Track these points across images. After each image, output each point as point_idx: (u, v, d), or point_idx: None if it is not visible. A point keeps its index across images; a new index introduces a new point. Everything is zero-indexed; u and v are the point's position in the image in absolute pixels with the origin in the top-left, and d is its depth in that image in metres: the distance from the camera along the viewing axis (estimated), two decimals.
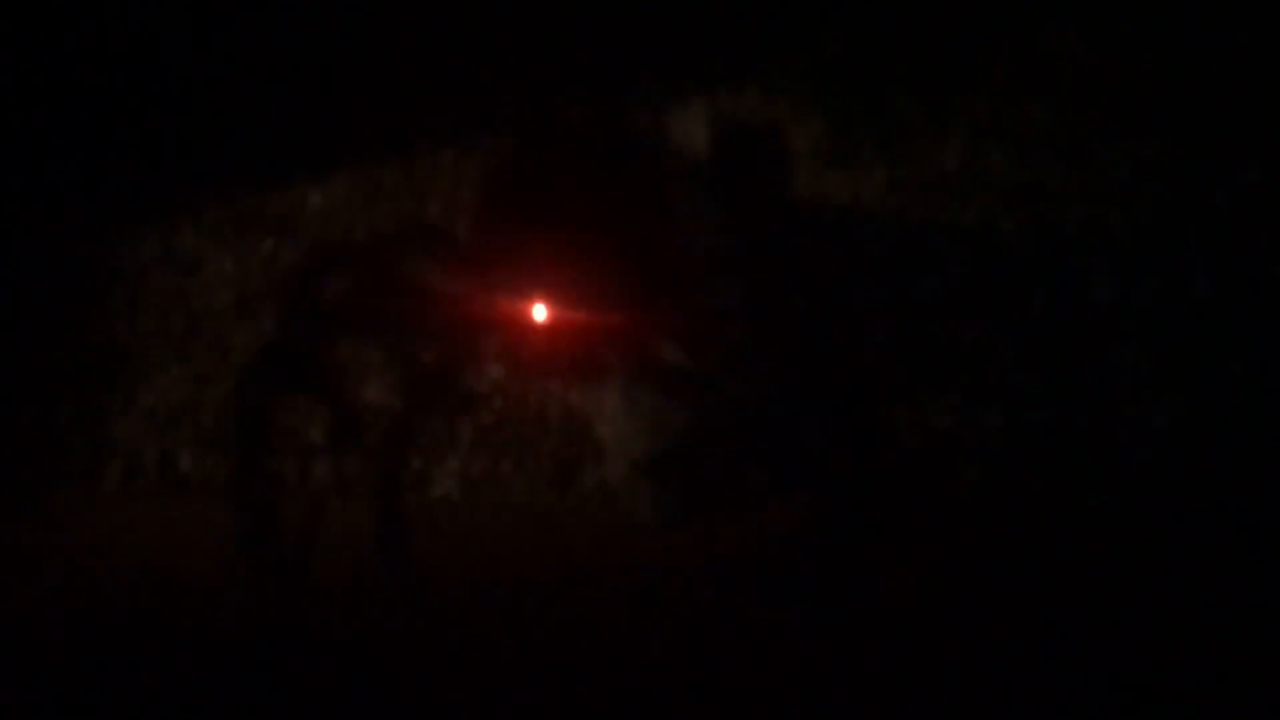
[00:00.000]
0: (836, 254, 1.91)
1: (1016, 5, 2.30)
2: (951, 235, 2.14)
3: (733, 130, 2.31)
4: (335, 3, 2.48)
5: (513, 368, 1.39)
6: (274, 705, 1.35)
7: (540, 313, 1.34)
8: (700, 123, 2.18)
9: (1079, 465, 1.86)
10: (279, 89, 2.43)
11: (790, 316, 1.39)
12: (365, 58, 2.45)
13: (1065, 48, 2.22)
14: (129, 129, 2.41)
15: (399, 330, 1.42)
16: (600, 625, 1.61)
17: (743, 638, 1.55)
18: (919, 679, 1.41)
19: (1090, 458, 1.87)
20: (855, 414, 1.48)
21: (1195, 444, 1.82)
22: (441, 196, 2.32)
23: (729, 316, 1.36)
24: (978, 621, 1.55)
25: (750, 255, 1.49)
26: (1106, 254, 2.05)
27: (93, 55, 2.43)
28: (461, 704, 1.32)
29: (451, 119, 2.41)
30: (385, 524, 1.54)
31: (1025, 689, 1.39)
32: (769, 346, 1.35)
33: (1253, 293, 1.95)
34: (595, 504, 1.98)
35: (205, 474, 2.09)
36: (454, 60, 2.42)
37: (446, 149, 2.39)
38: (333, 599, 1.60)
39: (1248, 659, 1.40)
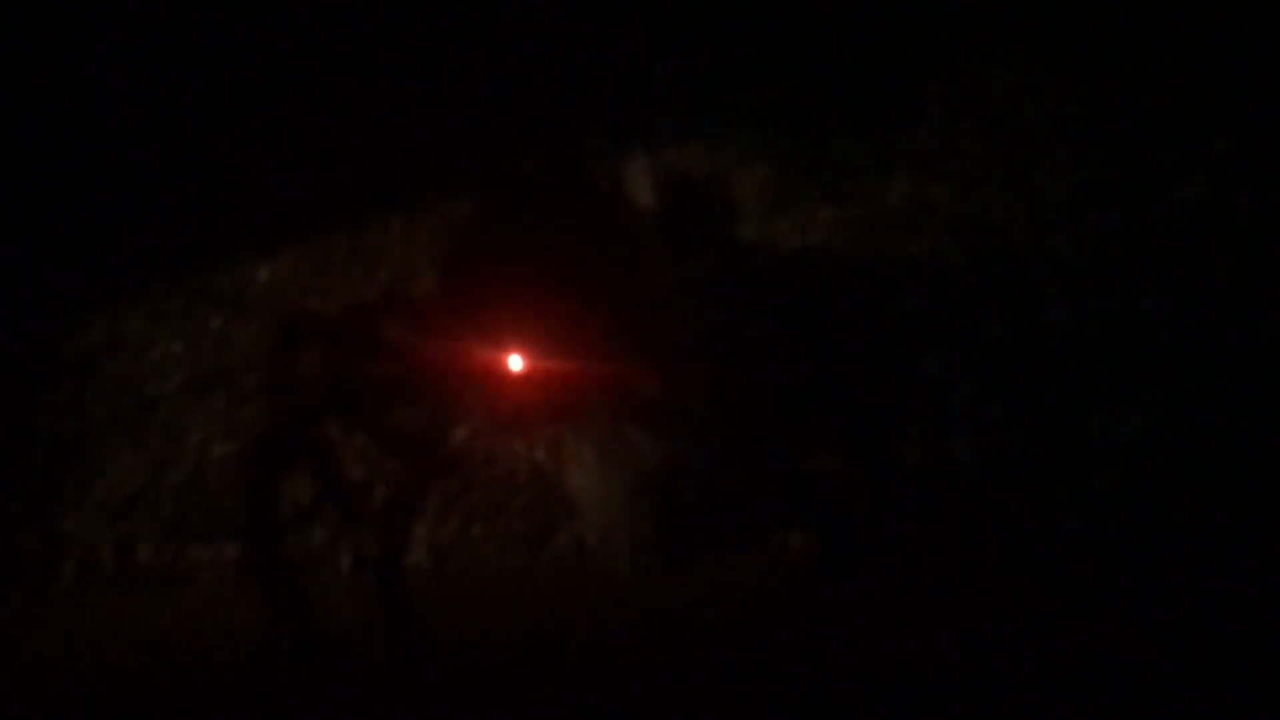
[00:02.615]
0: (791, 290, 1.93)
1: (948, 42, 2.37)
2: (902, 269, 2.18)
3: (678, 180, 2.34)
4: (274, 77, 2.48)
5: (493, 424, 1.38)
6: None
7: (516, 363, 1.33)
8: (646, 175, 2.20)
9: (1050, 485, 1.88)
10: (221, 165, 2.41)
11: (762, 347, 1.40)
12: (306, 130, 2.44)
13: (997, 79, 2.30)
14: (68, 217, 2.37)
15: (378, 399, 1.41)
16: (586, 685, 1.58)
17: (736, 693, 1.53)
18: None
19: (1060, 477, 1.89)
20: (851, 440, 1.49)
21: (1161, 455, 1.85)
22: (392, 264, 2.30)
23: (700, 349, 1.36)
24: (969, 649, 1.55)
25: (709, 293, 1.50)
26: (1054, 278, 2.10)
27: (25, 144, 2.39)
28: None
29: (398, 186, 2.41)
30: (389, 596, 1.52)
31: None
32: (743, 377, 1.35)
33: (1197, 303, 2.00)
34: (571, 562, 1.94)
35: (165, 564, 2.01)
36: (398, 129, 2.42)
37: (394, 217, 2.38)
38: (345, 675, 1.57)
39: (1226, 670, 1.41)
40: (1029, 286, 2.09)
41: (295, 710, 1.57)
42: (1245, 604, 1.53)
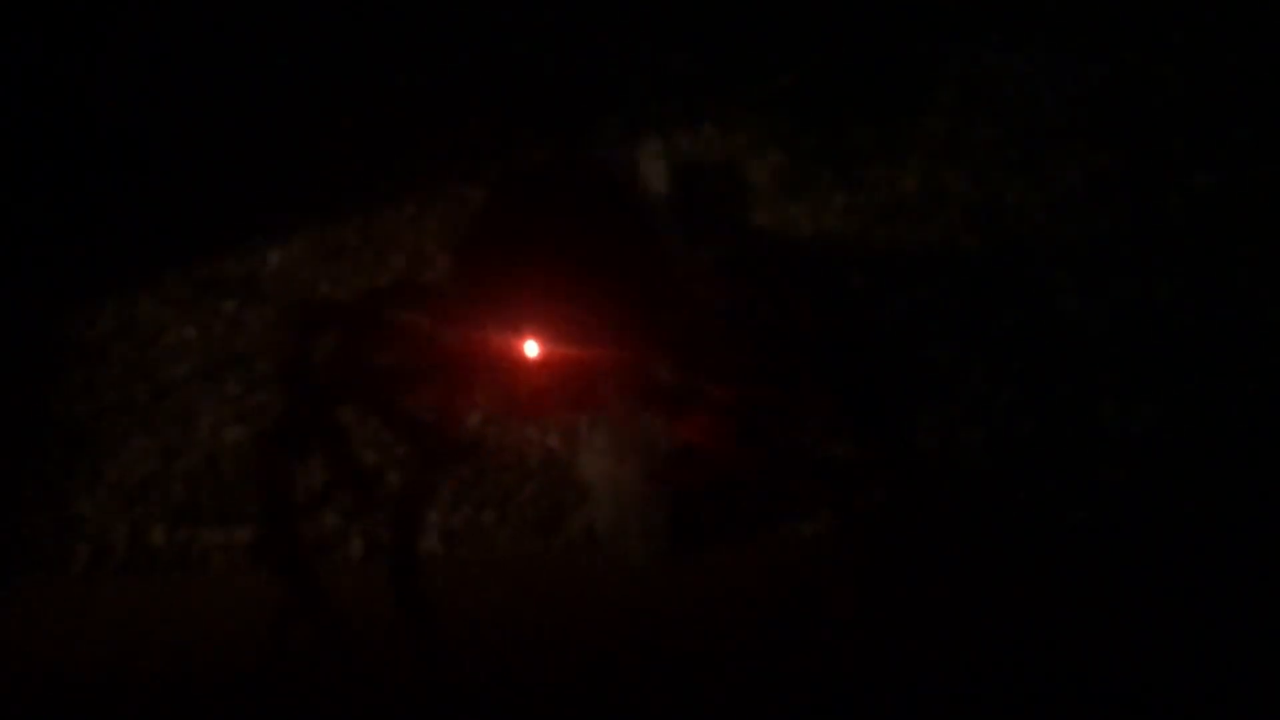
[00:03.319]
0: (806, 275, 1.92)
1: (961, 27, 2.36)
2: (915, 256, 2.17)
3: (691, 167, 2.33)
4: (284, 62, 2.47)
5: (506, 411, 1.37)
6: None
7: (533, 348, 1.32)
8: (659, 160, 2.19)
9: (1060, 475, 1.88)
10: (231, 150, 2.41)
11: (778, 328, 1.40)
12: (318, 115, 2.44)
13: (1010, 65, 2.28)
14: (78, 203, 2.37)
15: (391, 385, 1.40)
16: (598, 672, 1.58)
17: (748, 680, 1.53)
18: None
19: (1071, 467, 1.88)
20: (867, 423, 1.48)
21: (1174, 446, 1.84)
22: (404, 250, 2.30)
23: (713, 335, 1.36)
24: (979, 638, 1.55)
25: (724, 276, 1.50)
26: (1068, 265, 2.09)
27: (35, 129, 2.39)
28: None
29: (410, 172, 2.40)
30: (401, 581, 1.51)
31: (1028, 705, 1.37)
32: (756, 364, 1.35)
33: (1213, 293, 1.99)
34: (583, 549, 1.94)
35: (178, 548, 2.01)
36: (410, 114, 2.42)
37: (406, 202, 2.38)
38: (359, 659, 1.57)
39: (1233, 667, 1.40)
40: (1042, 274, 2.08)
41: (306, 694, 1.58)
42: (1257, 598, 1.53)
